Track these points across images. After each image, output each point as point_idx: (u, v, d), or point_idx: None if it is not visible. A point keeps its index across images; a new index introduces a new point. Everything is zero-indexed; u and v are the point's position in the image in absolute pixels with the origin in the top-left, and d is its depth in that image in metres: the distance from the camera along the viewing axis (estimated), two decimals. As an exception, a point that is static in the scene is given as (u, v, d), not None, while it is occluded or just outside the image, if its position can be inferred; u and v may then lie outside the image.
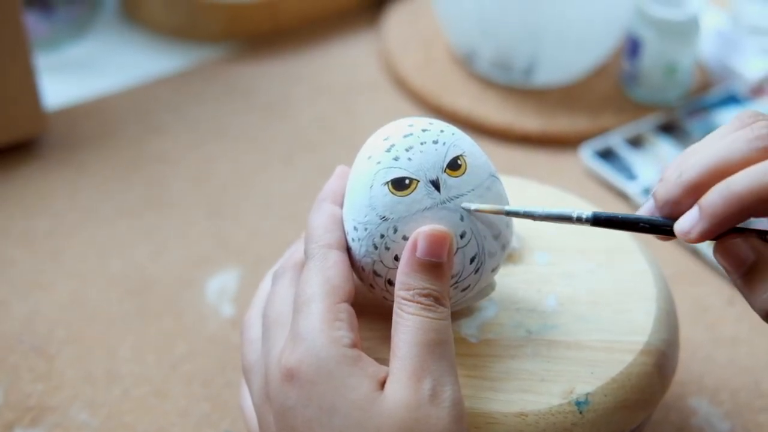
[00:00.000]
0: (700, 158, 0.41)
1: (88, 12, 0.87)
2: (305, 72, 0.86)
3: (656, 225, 0.43)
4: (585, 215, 0.43)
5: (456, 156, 0.45)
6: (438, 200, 0.44)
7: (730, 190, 0.39)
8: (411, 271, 0.43)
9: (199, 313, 0.63)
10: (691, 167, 0.41)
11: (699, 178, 0.40)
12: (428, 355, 0.41)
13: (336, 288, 0.43)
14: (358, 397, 0.40)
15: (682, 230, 0.41)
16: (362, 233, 0.44)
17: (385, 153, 0.45)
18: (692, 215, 0.40)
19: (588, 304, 0.49)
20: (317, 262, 0.44)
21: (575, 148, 0.77)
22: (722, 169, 0.40)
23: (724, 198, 0.39)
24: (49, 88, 0.80)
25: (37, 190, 0.73)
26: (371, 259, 0.44)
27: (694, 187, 0.41)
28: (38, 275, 0.66)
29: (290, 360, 0.41)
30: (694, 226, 0.40)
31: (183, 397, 0.58)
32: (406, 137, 0.45)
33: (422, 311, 0.42)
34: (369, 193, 0.44)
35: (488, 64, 0.82)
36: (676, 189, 0.41)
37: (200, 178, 0.75)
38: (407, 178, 0.44)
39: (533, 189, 0.57)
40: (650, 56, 0.78)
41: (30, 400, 0.58)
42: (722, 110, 0.79)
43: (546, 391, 0.45)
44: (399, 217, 0.44)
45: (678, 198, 0.41)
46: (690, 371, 0.60)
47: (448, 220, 0.44)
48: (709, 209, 0.39)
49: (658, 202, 0.42)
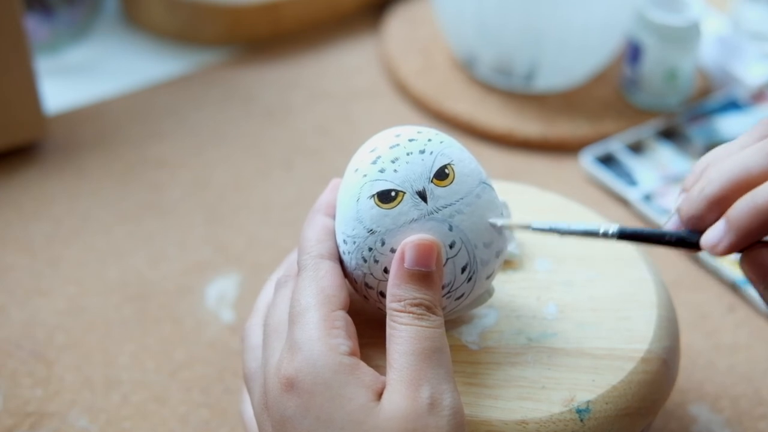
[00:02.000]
0: (721, 171, 0.41)
1: (89, 15, 0.87)
2: (305, 77, 0.86)
3: (682, 239, 0.43)
4: (611, 230, 0.44)
5: (443, 165, 0.45)
6: (425, 211, 0.44)
7: (756, 203, 0.40)
8: (401, 282, 0.43)
9: (198, 319, 0.63)
10: (713, 181, 0.42)
11: (722, 192, 0.41)
12: (424, 363, 0.41)
13: (330, 297, 0.43)
14: (354, 409, 0.40)
15: (709, 243, 0.41)
16: (351, 246, 0.44)
17: (371, 165, 0.45)
18: (719, 229, 0.41)
19: (589, 311, 0.49)
20: (310, 273, 0.44)
21: (576, 154, 0.77)
22: (744, 181, 0.41)
23: (751, 212, 0.40)
24: (48, 92, 0.80)
25: (36, 196, 0.73)
26: (362, 272, 0.45)
27: (718, 201, 0.41)
28: (37, 281, 0.66)
29: (289, 369, 0.41)
30: (722, 240, 0.41)
31: (182, 404, 0.58)
32: (392, 148, 0.45)
33: (415, 321, 0.42)
34: (356, 207, 0.44)
35: (489, 70, 0.82)
36: (699, 203, 0.42)
37: (199, 184, 0.74)
38: (393, 190, 0.44)
39: (533, 195, 0.57)
40: (651, 62, 0.78)
41: (29, 405, 0.57)
42: (723, 116, 0.79)
43: (546, 398, 0.45)
44: (386, 230, 0.44)
45: (702, 213, 0.42)
46: (690, 378, 0.60)
47: (437, 230, 0.44)
48: (736, 223, 0.40)
49: (683, 217, 0.43)
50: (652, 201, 0.73)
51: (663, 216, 0.71)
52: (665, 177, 0.74)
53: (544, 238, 0.53)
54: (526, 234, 0.53)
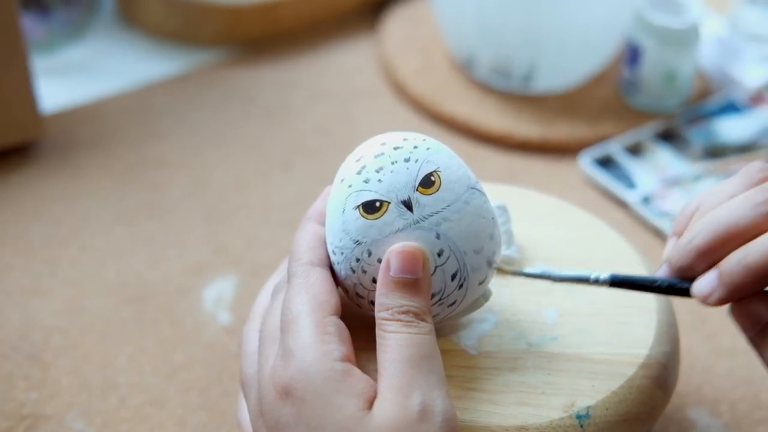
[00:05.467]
0: (710, 222, 0.42)
1: (86, 14, 0.86)
2: (304, 77, 0.86)
3: (674, 287, 0.44)
4: (602, 277, 0.45)
5: (429, 173, 0.44)
6: (411, 220, 0.44)
7: (748, 261, 0.41)
8: (388, 291, 0.43)
9: (196, 320, 0.63)
10: (701, 232, 0.42)
11: (710, 243, 0.42)
12: (414, 369, 0.41)
13: (322, 303, 0.43)
14: (344, 417, 0.40)
15: (701, 294, 0.42)
16: (340, 257, 0.44)
17: (356, 175, 0.44)
18: (711, 280, 0.42)
19: (588, 316, 0.49)
20: (300, 280, 0.44)
21: (574, 156, 0.77)
22: (731, 234, 0.42)
23: (743, 269, 0.41)
24: (45, 91, 0.80)
25: (33, 196, 0.72)
26: (352, 282, 0.45)
27: (706, 252, 0.42)
28: (34, 282, 0.65)
29: (283, 377, 0.41)
30: (713, 292, 0.42)
31: (180, 406, 0.58)
32: (377, 157, 0.45)
33: (403, 328, 0.42)
34: (342, 218, 0.44)
35: (487, 71, 0.82)
36: (689, 254, 0.43)
37: (198, 184, 0.74)
38: (377, 200, 0.44)
39: (533, 199, 0.57)
40: (650, 63, 0.78)
41: (25, 408, 0.57)
42: (722, 118, 0.79)
43: (546, 404, 0.45)
44: (372, 241, 0.44)
45: (691, 264, 0.43)
46: (689, 382, 0.60)
47: (424, 239, 0.44)
48: (728, 278, 0.41)
49: (673, 267, 0.44)
50: (650, 203, 0.72)
51: (661, 219, 0.71)
52: (664, 179, 0.74)
53: (543, 241, 0.53)
54: (524, 236, 0.53)
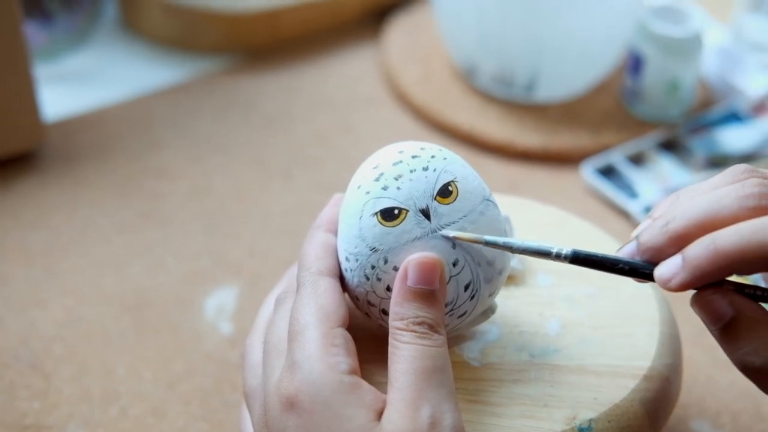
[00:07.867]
0: (688, 209, 0.41)
1: (88, 22, 0.86)
2: (305, 85, 0.86)
3: (636, 268, 0.42)
4: (564, 252, 0.43)
5: (447, 182, 0.44)
6: (428, 229, 0.44)
7: (716, 246, 0.39)
8: (403, 301, 0.42)
9: (196, 330, 0.63)
10: (678, 217, 0.41)
11: (685, 229, 0.40)
12: (425, 382, 0.40)
13: (330, 314, 0.43)
14: (353, 428, 0.40)
15: (662, 277, 0.41)
16: (354, 264, 0.44)
17: (374, 182, 0.44)
18: (674, 264, 0.40)
19: (591, 327, 0.49)
20: (309, 289, 0.44)
21: (576, 165, 0.77)
22: (710, 222, 0.40)
23: (709, 253, 0.39)
24: (47, 98, 0.80)
25: (34, 204, 0.72)
26: (364, 289, 0.44)
27: (680, 237, 0.41)
28: (34, 291, 0.65)
29: (289, 388, 0.41)
30: (676, 276, 0.40)
31: (180, 417, 0.57)
32: (396, 165, 0.44)
33: (417, 339, 0.41)
34: (359, 224, 0.44)
35: (489, 79, 0.82)
36: (661, 237, 0.41)
37: (199, 193, 0.74)
38: (396, 208, 0.44)
39: (535, 210, 0.57)
40: (652, 73, 0.78)
41: (26, 418, 0.57)
42: (724, 127, 0.79)
43: (548, 417, 0.45)
44: (389, 248, 0.43)
45: (662, 246, 0.41)
46: (691, 393, 0.59)
47: (440, 248, 0.43)
48: (693, 262, 0.39)
49: (641, 246, 0.42)
50: (652, 213, 0.72)
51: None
52: (666, 189, 0.74)
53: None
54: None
